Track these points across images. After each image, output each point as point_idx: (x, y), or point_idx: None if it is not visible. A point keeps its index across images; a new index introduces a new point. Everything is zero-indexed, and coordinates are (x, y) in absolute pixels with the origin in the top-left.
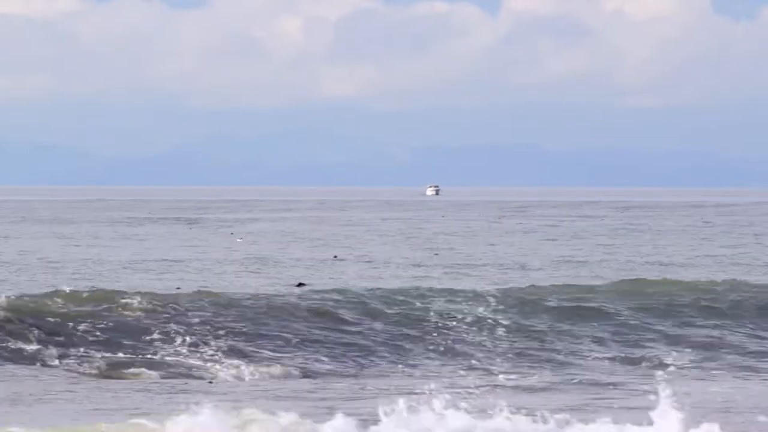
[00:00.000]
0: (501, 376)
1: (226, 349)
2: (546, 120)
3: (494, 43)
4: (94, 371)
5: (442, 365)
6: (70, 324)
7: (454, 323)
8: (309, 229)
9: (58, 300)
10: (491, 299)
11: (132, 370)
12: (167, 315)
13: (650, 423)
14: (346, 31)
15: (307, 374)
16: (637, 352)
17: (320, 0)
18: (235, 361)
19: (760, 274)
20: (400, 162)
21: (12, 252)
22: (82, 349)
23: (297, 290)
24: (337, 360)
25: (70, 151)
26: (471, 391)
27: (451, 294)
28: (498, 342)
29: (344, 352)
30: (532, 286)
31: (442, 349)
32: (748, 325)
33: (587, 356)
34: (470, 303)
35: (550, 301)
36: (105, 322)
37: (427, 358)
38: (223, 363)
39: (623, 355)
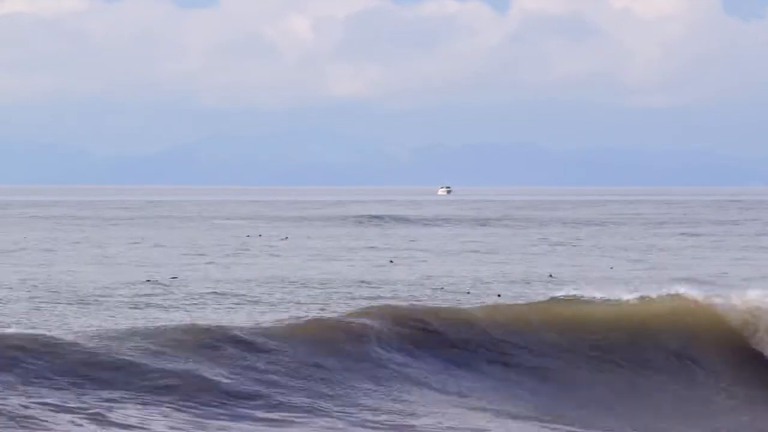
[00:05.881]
0: None
1: None
2: (547, 119)
3: (500, 42)
4: None
5: None
6: None
7: None
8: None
9: None
10: None
11: None
12: None
13: None
14: (353, 30)
15: None
16: None
17: None
18: None
19: None
20: (400, 161)
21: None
22: None
23: None
24: None
25: (71, 150)
26: None
27: None
28: None
29: None
30: None
31: None
32: None
33: None
34: None
35: None
36: None
37: None
38: None
39: None
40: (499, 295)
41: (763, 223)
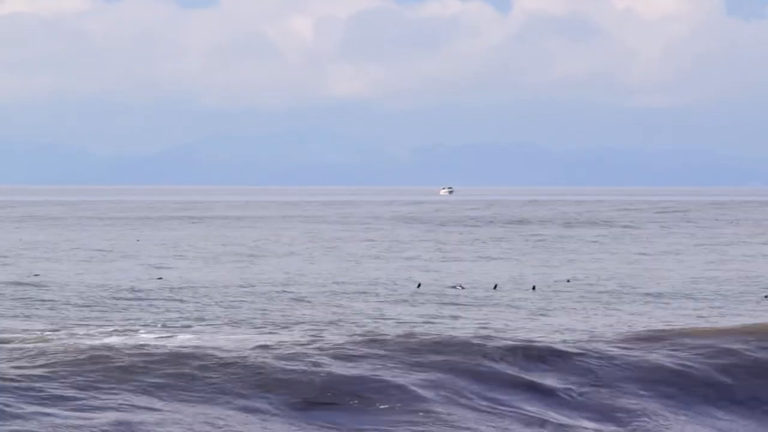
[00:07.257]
0: None
1: None
2: (547, 119)
3: (501, 42)
4: None
5: None
6: None
7: None
8: None
9: None
10: None
11: None
12: None
13: None
14: (354, 31)
15: None
16: None
17: None
18: None
19: None
20: (400, 161)
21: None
22: None
23: None
24: None
25: (71, 150)
26: None
27: None
28: None
29: None
30: None
31: None
32: None
33: None
34: None
35: None
36: None
37: None
38: None
39: None
40: None
41: None
